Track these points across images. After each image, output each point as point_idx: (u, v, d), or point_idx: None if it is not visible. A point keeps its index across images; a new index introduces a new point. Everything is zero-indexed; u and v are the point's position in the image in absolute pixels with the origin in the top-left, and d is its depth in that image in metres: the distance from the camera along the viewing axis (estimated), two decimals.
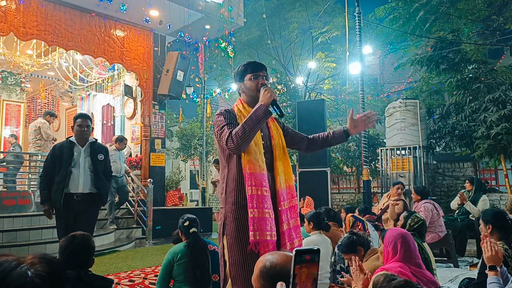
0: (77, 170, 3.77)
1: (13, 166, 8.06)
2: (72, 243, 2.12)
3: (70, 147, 3.81)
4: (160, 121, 9.21)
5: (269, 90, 1.99)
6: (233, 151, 1.97)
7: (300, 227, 2.19)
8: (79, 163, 3.80)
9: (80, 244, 2.14)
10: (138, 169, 8.69)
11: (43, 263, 0.93)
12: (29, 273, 0.89)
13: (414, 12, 12.02)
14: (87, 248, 2.16)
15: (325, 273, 3.27)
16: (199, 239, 2.94)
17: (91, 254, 2.18)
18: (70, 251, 2.09)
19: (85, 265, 2.12)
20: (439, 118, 8.97)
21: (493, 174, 9.57)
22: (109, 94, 10.16)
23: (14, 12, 7.06)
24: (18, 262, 0.91)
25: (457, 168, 8.99)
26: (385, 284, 1.55)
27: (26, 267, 0.90)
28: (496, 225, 2.68)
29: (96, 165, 3.86)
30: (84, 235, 2.23)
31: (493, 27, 11.68)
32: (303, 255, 0.98)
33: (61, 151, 3.79)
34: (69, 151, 3.79)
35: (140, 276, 4.48)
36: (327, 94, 15.28)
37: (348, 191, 11.62)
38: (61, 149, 3.81)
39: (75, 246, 2.11)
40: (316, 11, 14.13)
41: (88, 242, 2.19)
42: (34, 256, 0.95)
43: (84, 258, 2.13)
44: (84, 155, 3.84)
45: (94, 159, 3.86)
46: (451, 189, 8.70)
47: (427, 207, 5.01)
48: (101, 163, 3.92)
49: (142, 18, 8.06)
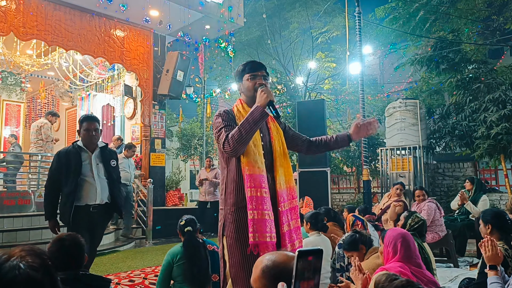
0: (90, 179, 3.33)
1: (13, 166, 8.06)
2: (63, 246, 2.04)
3: (78, 153, 3.35)
4: (160, 121, 9.21)
5: (266, 90, 1.97)
6: (230, 154, 1.97)
7: (301, 228, 2.18)
8: (91, 171, 3.36)
9: (72, 245, 2.06)
10: (138, 169, 8.68)
11: (32, 255, 0.95)
12: (21, 265, 0.91)
13: (414, 12, 12.01)
14: (78, 248, 2.09)
15: (325, 273, 3.27)
16: (194, 237, 2.95)
17: (82, 252, 2.12)
18: (63, 253, 2.01)
19: (79, 264, 2.08)
20: (439, 118, 8.97)
21: (493, 174, 9.57)
22: (109, 94, 10.16)
23: (14, 12, 7.06)
24: (8, 256, 0.93)
25: (457, 168, 8.98)
26: (386, 283, 1.54)
27: (17, 260, 0.92)
28: (496, 225, 2.68)
29: (111, 172, 3.47)
30: (72, 235, 2.15)
31: (493, 27, 11.68)
32: (306, 256, 0.97)
33: (67, 159, 3.32)
34: (77, 157, 3.33)
35: (140, 276, 4.49)
36: (327, 94, 15.28)
37: (348, 191, 11.61)
38: (67, 156, 3.34)
39: (67, 248, 2.03)
40: (316, 11, 14.13)
41: (78, 241, 2.12)
42: (22, 249, 0.97)
43: (77, 257, 2.07)
44: (96, 161, 3.40)
45: (107, 165, 3.46)
46: (451, 189, 8.69)
47: (431, 206, 5.06)
48: (115, 170, 3.55)
49: (142, 18, 8.06)
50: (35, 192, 6.44)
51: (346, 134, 2.26)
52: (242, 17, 9.29)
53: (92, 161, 3.38)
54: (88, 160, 3.37)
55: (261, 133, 2.08)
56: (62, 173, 3.30)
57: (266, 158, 2.04)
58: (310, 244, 3.11)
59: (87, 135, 3.37)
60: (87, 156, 3.39)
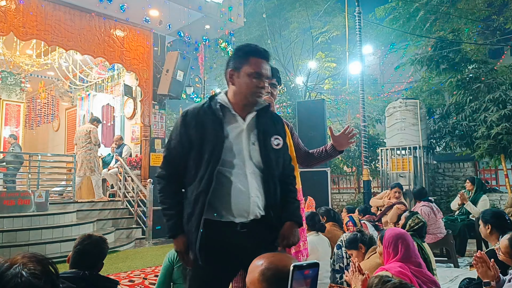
0: (240, 170, 1.68)
1: (13, 166, 8.07)
2: (89, 243, 2.11)
3: (220, 117, 1.70)
4: (160, 121, 9.20)
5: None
6: None
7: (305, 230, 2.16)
8: (240, 153, 1.70)
9: (93, 245, 2.12)
10: (138, 169, 8.68)
11: (34, 261, 0.95)
12: (23, 273, 0.90)
13: (414, 12, 12.01)
14: (99, 249, 2.15)
15: (325, 272, 3.27)
16: None
17: (101, 257, 2.16)
18: (83, 250, 2.09)
19: (93, 267, 2.11)
20: (439, 118, 8.97)
21: (493, 174, 9.57)
22: (109, 94, 10.16)
23: (14, 12, 7.05)
24: (10, 263, 0.92)
25: (457, 168, 8.98)
26: (379, 286, 1.55)
27: (20, 267, 0.92)
28: (495, 225, 2.68)
29: (270, 158, 1.74)
30: (100, 237, 2.19)
31: (493, 27, 11.67)
32: (301, 270, 0.93)
33: (202, 126, 1.69)
34: (219, 126, 1.68)
35: (140, 276, 4.48)
36: (327, 94, 15.27)
37: (348, 191, 11.61)
38: (200, 119, 1.70)
39: (89, 246, 2.09)
40: (316, 11, 14.14)
41: (102, 246, 2.16)
42: (24, 256, 0.96)
43: (94, 260, 2.12)
44: (248, 136, 1.73)
45: (266, 143, 1.73)
46: (451, 189, 8.69)
47: (424, 211, 4.95)
48: (278, 154, 1.78)
49: (142, 18, 8.05)
50: (35, 192, 6.43)
51: (331, 145, 2.24)
52: (242, 17, 9.29)
53: (243, 135, 1.72)
54: (236, 132, 1.72)
55: None
56: (187, 151, 1.71)
57: None
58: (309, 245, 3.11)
59: (254, 84, 1.69)
60: (236, 125, 1.73)
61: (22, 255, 0.98)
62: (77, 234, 6.19)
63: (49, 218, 6.16)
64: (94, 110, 10.68)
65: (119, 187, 8.31)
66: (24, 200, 6.27)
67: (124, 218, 7.80)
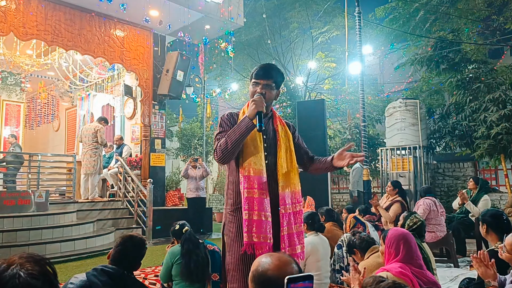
0: None
1: (13, 166, 8.07)
2: (125, 243, 2.20)
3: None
4: (160, 121, 9.20)
5: (256, 101, 1.92)
6: (218, 163, 1.99)
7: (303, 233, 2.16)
8: None
9: (134, 246, 2.22)
10: (138, 169, 8.68)
11: (31, 262, 0.95)
12: (21, 273, 0.90)
13: (414, 12, 12.01)
14: (138, 252, 2.26)
15: (325, 272, 3.27)
16: (193, 235, 2.99)
17: (140, 258, 2.27)
18: (122, 250, 2.18)
19: (132, 266, 2.20)
20: (439, 118, 8.97)
21: (493, 174, 9.57)
22: (109, 94, 10.16)
23: (14, 12, 7.05)
24: (8, 264, 0.92)
25: (457, 168, 8.98)
26: (373, 286, 1.56)
27: (17, 268, 0.92)
28: (491, 225, 2.68)
29: None
30: (141, 239, 2.30)
31: (493, 27, 11.67)
32: (296, 282, 0.94)
33: None
34: None
35: (140, 276, 4.48)
36: (327, 94, 15.27)
37: (348, 191, 11.60)
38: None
39: (127, 247, 2.19)
40: (316, 11, 14.13)
41: (142, 248, 2.28)
42: (21, 257, 0.96)
43: (133, 260, 2.22)
44: None
45: None
46: (451, 189, 8.69)
47: (427, 202, 5.11)
48: None
49: (142, 18, 8.05)
50: (35, 192, 6.44)
51: (330, 160, 2.20)
52: (242, 17, 9.29)
53: None
54: None
55: (264, 134, 2.04)
56: None
57: (269, 159, 2.02)
58: (309, 245, 3.11)
59: None
60: None
61: (19, 255, 0.97)
62: (77, 234, 6.20)
63: (49, 218, 6.17)
64: (94, 110, 10.69)
65: (119, 187, 8.31)
66: (24, 200, 6.27)
67: (124, 218, 7.80)
